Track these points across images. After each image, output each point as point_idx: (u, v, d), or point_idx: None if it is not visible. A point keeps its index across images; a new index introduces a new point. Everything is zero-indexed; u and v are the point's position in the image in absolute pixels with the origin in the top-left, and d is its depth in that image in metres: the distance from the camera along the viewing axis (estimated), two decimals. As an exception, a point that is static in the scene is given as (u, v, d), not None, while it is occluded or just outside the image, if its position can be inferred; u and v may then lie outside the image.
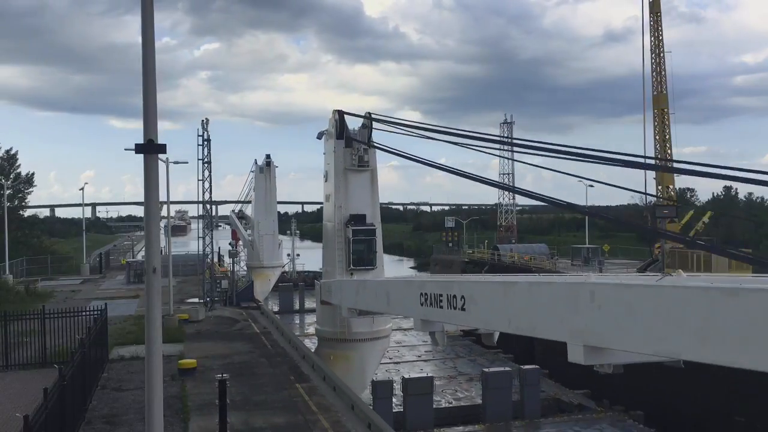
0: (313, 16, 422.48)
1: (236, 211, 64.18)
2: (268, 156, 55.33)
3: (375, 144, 32.90)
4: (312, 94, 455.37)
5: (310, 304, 57.17)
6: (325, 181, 35.37)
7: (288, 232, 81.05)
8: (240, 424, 22.10)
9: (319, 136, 35.33)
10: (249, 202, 58.40)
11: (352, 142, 33.27)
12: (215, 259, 58.19)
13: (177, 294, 50.11)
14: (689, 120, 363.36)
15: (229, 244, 57.59)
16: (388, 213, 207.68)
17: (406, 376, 33.60)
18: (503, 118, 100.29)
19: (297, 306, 61.88)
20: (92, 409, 24.06)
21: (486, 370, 34.02)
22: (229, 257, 57.22)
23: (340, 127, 33.51)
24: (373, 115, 31.90)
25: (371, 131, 33.08)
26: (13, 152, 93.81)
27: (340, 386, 26.24)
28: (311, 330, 46.34)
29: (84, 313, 31.40)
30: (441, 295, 18.07)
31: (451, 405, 35.06)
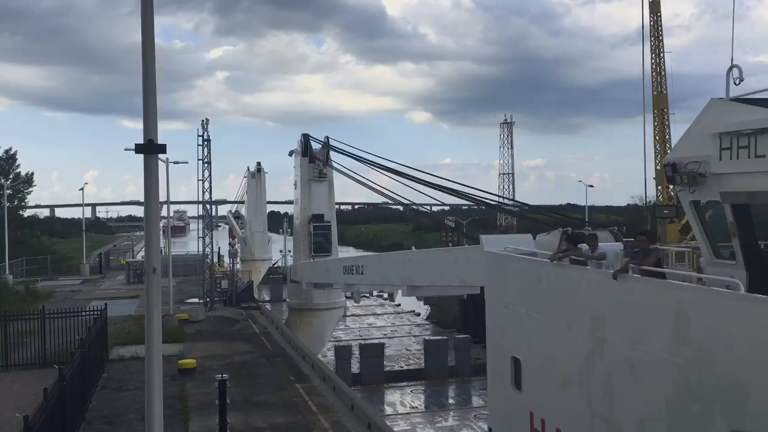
0: (336, 16, 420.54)
1: (233, 211, 68.02)
2: (259, 164, 61.85)
3: (331, 162, 41.70)
4: (326, 95, 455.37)
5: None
6: (295, 188, 44.60)
7: (279, 230, 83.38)
8: (240, 424, 22.12)
9: (290, 153, 44.19)
10: (243, 202, 62.16)
11: (314, 159, 42.22)
12: (215, 260, 58.34)
13: (177, 294, 50.10)
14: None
15: (229, 244, 57.91)
16: (389, 213, 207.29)
17: (363, 343, 41.62)
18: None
19: (285, 296, 65.36)
20: (92, 409, 24.07)
21: (426, 338, 42.53)
22: (229, 257, 57.30)
23: (305, 147, 42.36)
24: (330, 141, 41.72)
25: (329, 151, 41.70)
26: (12, 152, 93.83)
27: (340, 386, 26.29)
28: None
29: (84, 314, 31.44)
30: (353, 267, 31.16)
31: (402, 368, 41.22)
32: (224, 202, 73.51)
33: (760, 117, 11.47)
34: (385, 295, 62.04)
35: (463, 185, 28.16)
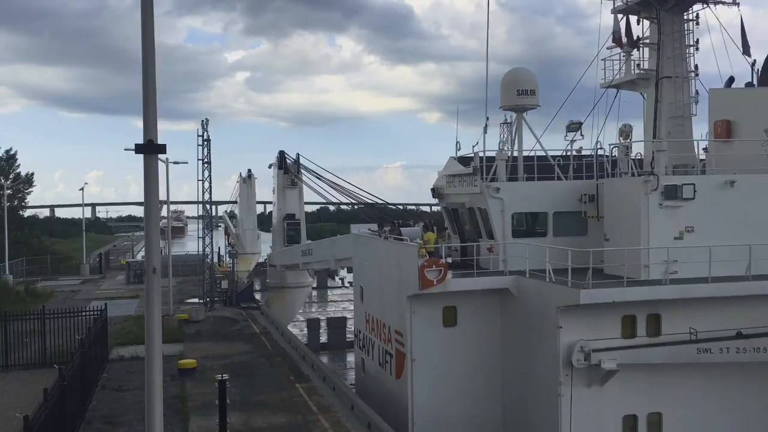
0: (364, 16, 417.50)
1: (228, 211, 71.35)
2: (249, 170, 68.38)
3: (300, 175, 52.16)
4: (344, 96, 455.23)
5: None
6: (273, 193, 54.72)
7: (270, 228, 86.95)
8: (240, 424, 22.12)
9: (269, 166, 54.35)
10: (236, 202, 71.03)
11: (288, 171, 52.17)
12: (215, 260, 58.42)
13: (177, 294, 50.10)
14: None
15: (229, 243, 58.20)
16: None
17: (329, 317, 49.85)
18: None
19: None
20: (92, 409, 24.08)
21: (329, 317, 49.93)
22: (229, 257, 57.34)
23: (281, 161, 52.49)
24: (300, 158, 52.61)
25: (299, 165, 52.07)
26: (12, 152, 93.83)
27: (339, 386, 26.27)
28: None
29: (84, 313, 31.43)
30: (306, 250, 43.14)
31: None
32: (222, 202, 75.65)
33: (456, 170, 26.99)
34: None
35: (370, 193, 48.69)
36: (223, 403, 18.37)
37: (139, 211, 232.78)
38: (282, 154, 51.92)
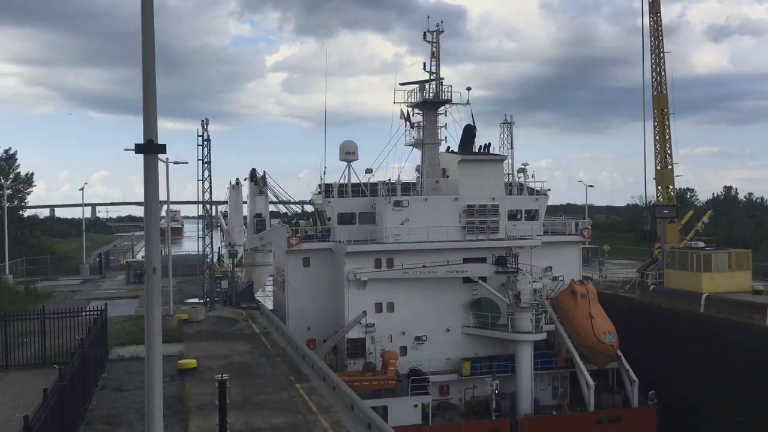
0: (416, 16, 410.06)
1: (222, 211, 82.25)
2: (237, 179, 76.79)
3: (265, 187, 68.16)
4: (375, 97, 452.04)
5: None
6: (245, 202, 73.09)
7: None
8: (240, 424, 22.11)
9: (245, 179, 71.56)
10: (226, 202, 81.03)
11: (257, 183, 68.06)
12: (215, 260, 58.47)
13: (177, 294, 50.12)
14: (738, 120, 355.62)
15: (229, 243, 58.54)
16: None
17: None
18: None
19: None
20: (92, 409, 24.06)
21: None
22: (229, 257, 57.35)
23: (252, 176, 69.14)
24: (266, 174, 69.39)
25: (265, 179, 67.99)
26: (12, 152, 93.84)
27: (339, 386, 26.28)
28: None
29: (84, 314, 31.38)
30: (261, 237, 60.59)
31: None
32: (222, 202, 79.14)
33: (316, 190, 50.23)
34: None
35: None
36: (223, 403, 18.36)
37: (139, 211, 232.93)
38: (253, 171, 69.59)
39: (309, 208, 61.44)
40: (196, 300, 50.65)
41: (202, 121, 48.76)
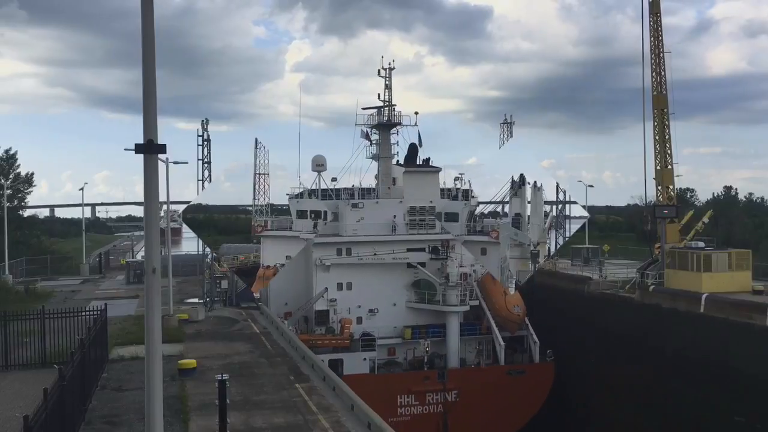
0: (442, 16, 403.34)
1: None
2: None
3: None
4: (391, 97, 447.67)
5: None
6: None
7: None
8: (240, 424, 22.11)
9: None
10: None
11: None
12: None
13: (177, 294, 50.09)
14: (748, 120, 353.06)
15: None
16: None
17: None
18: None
19: None
20: (92, 409, 24.05)
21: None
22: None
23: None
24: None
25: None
26: (12, 152, 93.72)
27: (339, 386, 26.28)
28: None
29: (84, 313, 31.37)
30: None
31: None
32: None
33: (292, 193, 62.96)
34: None
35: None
36: (223, 403, 18.37)
37: (138, 211, 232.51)
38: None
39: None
40: (196, 300, 50.64)
41: (202, 121, 49.10)
